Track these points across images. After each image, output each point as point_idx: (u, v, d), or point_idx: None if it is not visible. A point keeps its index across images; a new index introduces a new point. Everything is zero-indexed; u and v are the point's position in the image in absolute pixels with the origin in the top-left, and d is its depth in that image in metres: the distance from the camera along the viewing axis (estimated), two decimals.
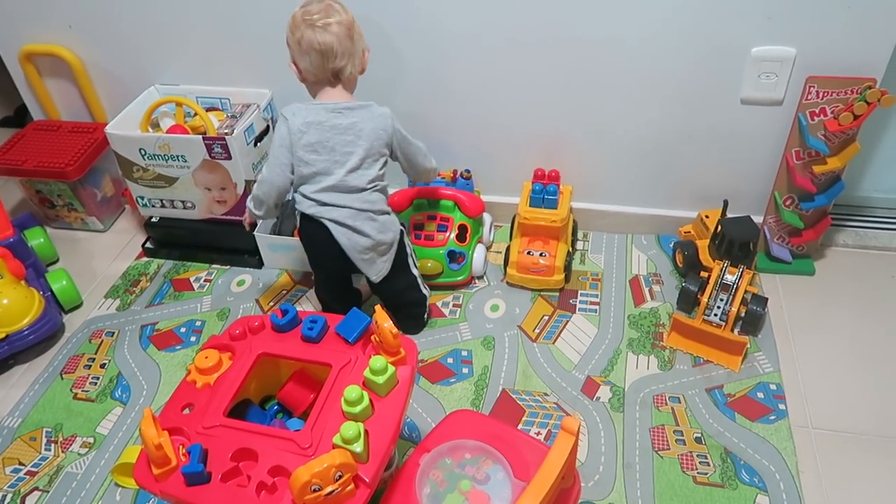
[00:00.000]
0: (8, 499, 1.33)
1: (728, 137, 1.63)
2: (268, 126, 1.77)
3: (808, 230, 1.66)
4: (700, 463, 1.30)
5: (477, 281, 1.74)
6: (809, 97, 1.47)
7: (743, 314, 1.51)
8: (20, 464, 1.39)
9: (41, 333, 1.58)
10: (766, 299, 1.54)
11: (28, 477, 1.37)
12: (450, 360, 1.53)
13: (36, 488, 1.35)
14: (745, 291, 1.52)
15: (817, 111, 1.49)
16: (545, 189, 1.66)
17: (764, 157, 1.64)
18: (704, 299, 1.51)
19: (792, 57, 1.46)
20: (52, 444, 1.42)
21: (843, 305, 1.61)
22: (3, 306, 1.53)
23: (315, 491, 0.88)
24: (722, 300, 1.51)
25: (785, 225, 1.66)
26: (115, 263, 1.89)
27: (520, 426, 1.38)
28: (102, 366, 1.59)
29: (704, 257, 1.64)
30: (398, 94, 1.70)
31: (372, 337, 1.10)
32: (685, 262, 1.68)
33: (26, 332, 1.56)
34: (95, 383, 1.55)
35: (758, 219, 1.66)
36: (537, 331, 1.59)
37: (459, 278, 1.69)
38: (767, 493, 1.25)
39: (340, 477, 0.90)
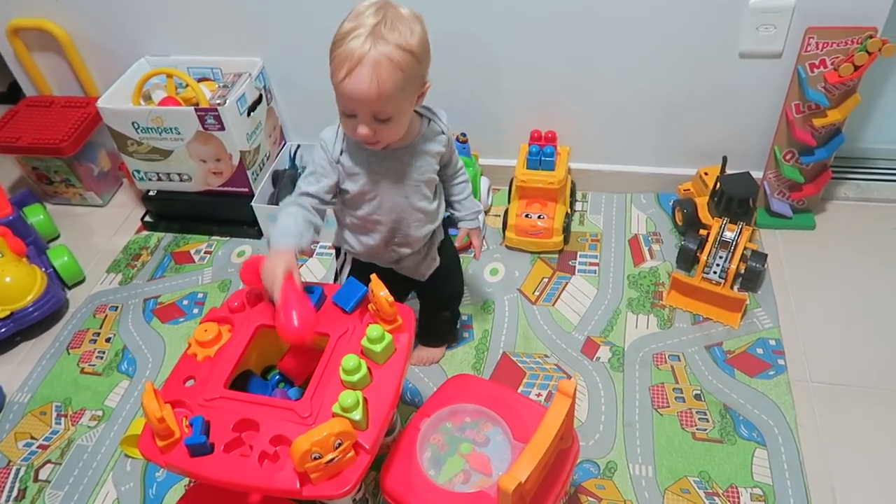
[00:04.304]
0: (22, 472, 1.36)
1: (727, 92, 1.60)
2: (260, 95, 1.75)
3: (808, 184, 1.64)
4: (699, 419, 1.32)
5: None
6: (809, 48, 1.44)
7: (742, 271, 1.51)
8: (32, 437, 1.42)
9: (45, 310, 1.60)
10: (766, 255, 1.53)
11: (40, 450, 1.40)
12: None
13: (49, 461, 1.38)
14: (745, 248, 1.52)
15: (817, 63, 1.46)
16: (542, 150, 1.64)
17: (763, 111, 1.61)
18: (703, 257, 1.51)
19: (791, 7, 1.43)
20: (62, 418, 1.45)
21: (845, 259, 1.60)
22: (5, 284, 1.54)
23: (316, 459, 0.90)
24: (721, 257, 1.51)
25: (785, 180, 1.64)
26: (116, 238, 1.90)
27: (520, 388, 1.40)
28: (108, 340, 1.60)
29: (704, 215, 1.63)
30: None
31: (369, 306, 1.11)
32: (684, 220, 1.67)
33: (30, 309, 1.57)
34: (101, 357, 1.57)
35: (757, 174, 1.64)
36: (537, 293, 1.60)
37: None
38: (766, 448, 1.26)
39: (340, 444, 0.92)
